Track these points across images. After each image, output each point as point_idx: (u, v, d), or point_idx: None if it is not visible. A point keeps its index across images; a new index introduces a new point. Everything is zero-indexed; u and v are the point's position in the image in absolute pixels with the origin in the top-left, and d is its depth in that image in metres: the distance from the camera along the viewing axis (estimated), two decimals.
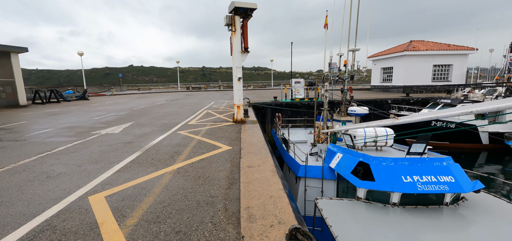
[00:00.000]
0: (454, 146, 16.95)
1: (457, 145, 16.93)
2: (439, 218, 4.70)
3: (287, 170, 8.88)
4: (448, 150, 16.71)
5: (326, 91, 8.27)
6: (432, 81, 27.82)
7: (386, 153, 6.62)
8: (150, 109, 16.00)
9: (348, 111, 8.01)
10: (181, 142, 7.24)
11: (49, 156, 6.05)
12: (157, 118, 11.85)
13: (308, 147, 9.94)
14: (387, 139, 6.64)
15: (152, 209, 3.45)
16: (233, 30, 9.99)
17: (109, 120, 11.46)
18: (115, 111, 14.89)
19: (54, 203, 3.65)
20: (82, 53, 33.62)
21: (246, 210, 3.36)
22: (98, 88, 38.85)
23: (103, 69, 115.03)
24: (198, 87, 49.52)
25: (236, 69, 10.25)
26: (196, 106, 17.18)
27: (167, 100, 23.31)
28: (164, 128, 9.47)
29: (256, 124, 10.15)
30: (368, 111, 7.67)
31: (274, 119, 13.73)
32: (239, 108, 10.58)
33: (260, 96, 25.70)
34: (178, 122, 10.81)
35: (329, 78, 8.37)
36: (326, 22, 8.86)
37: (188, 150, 6.40)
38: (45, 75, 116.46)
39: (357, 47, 8.07)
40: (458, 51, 26.99)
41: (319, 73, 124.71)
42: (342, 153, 6.22)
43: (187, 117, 12.25)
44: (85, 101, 23.46)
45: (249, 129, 9.01)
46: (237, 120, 10.66)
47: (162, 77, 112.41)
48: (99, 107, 17.55)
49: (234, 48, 10.15)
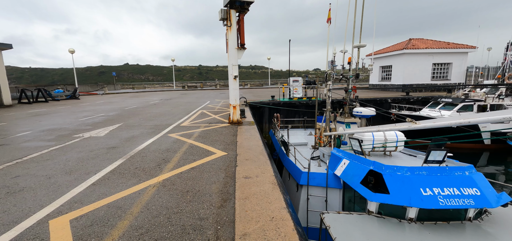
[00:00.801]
0: (455, 146, 16.53)
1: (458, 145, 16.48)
2: (462, 236, 4.11)
3: (286, 175, 8.25)
4: (448, 150, 16.35)
5: (329, 90, 7.64)
6: (432, 79, 27.43)
7: (397, 160, 6.02)
8: (142, 109, 15.23)
9: (353, 112, 7.38)
10: (171, 146, 6.56)
11: (18, 165, 5.32)
12: (148, 119, 11.12)
13: (309, 150, 9.33)
14: (398, 144, 6.05)
15: (126, 239, 2.78)
16: (228, 25, 9.31)
17: (96, 122, 10.70)
18: (105, 112, 14.10)
19: (3, 231, 2.95)
20: (73, 51, 32.56)
21: (241, 239, 2.71)
22: (90, 87, 37.75)
23: (98, 68, 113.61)
24: (194, 86, 48.61)
25: (232, 67, 9.57)
26: (191, 106, 16.46)
27: (161, 99, 22.51)
28: (154, 130, 8.77)
29: (253, 126, 9.50)
30: (375, 112, 7.06)
31: (272, 119, 13.10)
32: (235, 108, 9.91)
33: (257, 95, 25.04)
34: (170, 123, 10.11)
35: (332, 77, 7.75)
36: (330, 16, 8.22)
37: (177, 156, 5.72)
38: (38, 74, 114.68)
39: (363, 43, 7.46)
40: (458, 49, 26.62)
41: (316, 72, 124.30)
42: (349, 160, 5.60)
43: (180, 118, 11.54)
44: (75, 100, 22.53)
45: (246, 131, 8.36)
46: (233, 121, 10.00)
47: (158, 75, 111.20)
48: (89, 107, 16.71)
49: (229, 45, 9.48)
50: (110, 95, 29.01)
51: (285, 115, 18.45)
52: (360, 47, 7.30)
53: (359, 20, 7.45)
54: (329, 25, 8.28)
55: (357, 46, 7.37)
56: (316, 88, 22.61)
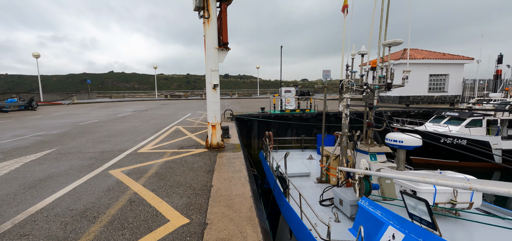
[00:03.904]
0: (464, 164, 14.77)
1: (467, 164, 14.76)
2: None
3: (285, 228, 5.74)
4: (457, 169, 14.65)
5: (347, 107, 5.28)
6: (428, 91, 26.19)
7: (477, 230, 3.63)
8: (102, 124, 12.31)
9: (386, 140, 4.99)
10: (98, 201, 3.90)
11: None
12: (98, 141, 8.32)
13: (314, 186, 6.90)
14: (473, 198, 3.72)
15: None
16: (205, 17, 6.88)
17: (20, 145, 7.77)
18: (48, 128, 11.07)
19: None
20: (38, 55, 29.02)
21: None
22: (58, 96, 33.89)
23: (80, 75, 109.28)
24: (178, 96, 45.50)
25: (210, 73, 7.09)
26: (166, 120, 13.71)
27: (135, 111, 19.52)
28: (94, 161, 6.03)
29: (239, 153, 6.97)
30: (421, 142, 4.69)
31: (263, 139, 10.65)
32: (214, 128, 7.36)
33: (245, 106, 22.59)
34: (124, 148, 7.38)
35: (351, 87, 5.43)
36: (346, 2, 5.96)
37: (93, 232, 3.08)
38: (15, 80, 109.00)
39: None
40: (454, 60, 25.64)
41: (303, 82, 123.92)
42: (403, 232, 3.23)
43: (145, 138, 8.83)
44: (30, 111, 19.06)
45: (228, 164, 5.82)
46: (212, 145, 7.43)
47: (144, 84, 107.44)
48: (36, 121, 13.53)
49: (207, 43, 7.02)
50: (78, 106, 25.55)
51: (276, 129, 16.09)
52: (393, 45, 5.07)
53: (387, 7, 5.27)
54: (345, 15, 6.01)
55: (388, 43, 5.11)
56: (308, 99, 20.42)
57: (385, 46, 5.23)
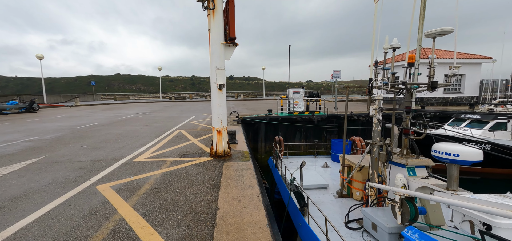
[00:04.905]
0: (487, 171, 13.59)
1: (490, 170, 13.57)
2: None
3: None
4: (480, 176, 13.50)
5: (380, 111, 4.36)
6: (444, 92, 24.91)
7: None
8: (101, 128, 11.60)
9: (433, 152, 4.00)
10: (74, 231, 3.07)
11: None
12: (92, 148, 7.56)
13: (333, 201, 5.99)
14: None
15: None
16: (210, 8, 6.05)
17: (6, 153, 7.04)
18: (43, 132, 10.40)
19: None
20: (41, 57, 28.72)
21: None
22: (62, 98, 33.65)
23: (88, 77, 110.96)
24: (183, 97, 44.95)
25: (216, 72, 6.25)
26: (169, 123, 12.95)
27: (137, 113, 18.86)
28: (82, 173, 5.24)
29: (248, 163, 6.09)
30: (482, 156, 3.72)
31: (273, 144, 9.76)
32: (220, 134, 6.50)
33: (251, 108, 21.75)
34: (121, 156, 6.58)
35: (385, 86, 4.52)
36: None
37: None
38: (24, 83, 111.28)
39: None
40: (471, 60, 24.32)
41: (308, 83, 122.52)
42: None
43: (144, 143, 8.04)
44: (31, 113, 18.57)
45: (236, 178, 4.95)
46: (217, 153, 6.57)
47: (150, 85, 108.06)
48: (33, 125, 12.92)
49: (212, 38, 6.19)
50: (80, 108, 25.07)
51: (284, 132, 15.18)
52: (440, 35, 4.14)
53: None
54: (376, 2, 5.12)
55: (431, 33, 4.16)
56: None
57: (429, 36, 4.30)
